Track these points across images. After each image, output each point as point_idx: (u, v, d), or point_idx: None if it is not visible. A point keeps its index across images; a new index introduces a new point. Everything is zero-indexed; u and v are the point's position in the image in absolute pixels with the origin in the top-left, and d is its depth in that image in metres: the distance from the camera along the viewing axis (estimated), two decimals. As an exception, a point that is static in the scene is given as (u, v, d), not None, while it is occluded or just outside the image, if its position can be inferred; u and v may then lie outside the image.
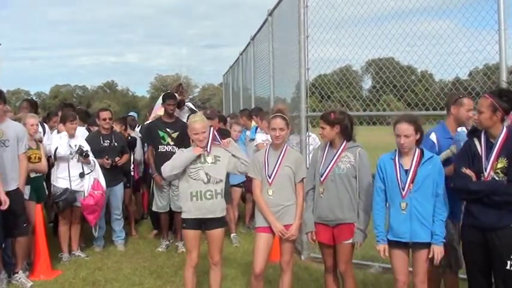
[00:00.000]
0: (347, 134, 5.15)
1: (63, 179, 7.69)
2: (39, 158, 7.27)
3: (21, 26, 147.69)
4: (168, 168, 5.43)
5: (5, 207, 5.94)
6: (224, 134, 8.47)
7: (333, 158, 5.07)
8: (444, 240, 4.60)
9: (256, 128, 9.26)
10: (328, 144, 5.18)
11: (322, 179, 5.05)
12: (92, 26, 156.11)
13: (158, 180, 8.04)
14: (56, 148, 7.61)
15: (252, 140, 9.18)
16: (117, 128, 9.37)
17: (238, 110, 15.23)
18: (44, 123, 8.68)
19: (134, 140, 9.76)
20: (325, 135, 5.11)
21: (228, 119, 10.21)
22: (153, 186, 8.41)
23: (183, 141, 7.80)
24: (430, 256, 4.58)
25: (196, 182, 5.35)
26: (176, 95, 9.09)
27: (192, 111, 9.23)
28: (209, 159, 5.45)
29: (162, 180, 7.94)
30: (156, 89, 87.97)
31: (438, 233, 4.58)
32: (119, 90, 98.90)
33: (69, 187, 7.65)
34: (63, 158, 7.63)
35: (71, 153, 7.65)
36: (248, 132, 9.74)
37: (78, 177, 7.74)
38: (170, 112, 8.30)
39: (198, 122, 5.43)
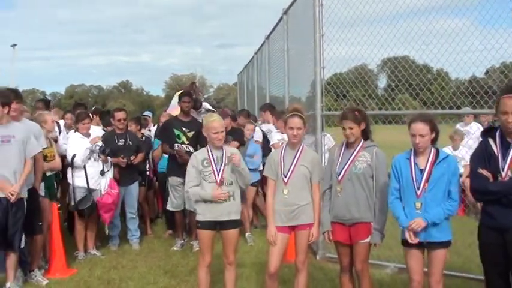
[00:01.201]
0: (364, 133, 5.14)
1: (81, 177, 7.75)
2: (53, 156, 7.29)
3: (30, 26, 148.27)
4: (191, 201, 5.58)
5: (12, 199, 5.94)
6: (237, 133, 8.68)
7: (349, 158, 5.05)
8: (428, 221, 4.55)
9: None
10: (344, 143, 5.17)
11: (339, 178, 5.04)
12: (101, 26, 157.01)
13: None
14: (74, 155, 7.70)
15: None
16: (132, 127, 9.41)
17: (252, 109, 15.24)
18: (59, 123, 8.74)
19: (149, 139, 9.80)
20: (353, 135, 5.06)
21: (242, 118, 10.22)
22: (168, 185, 8.43)
23: (199, 141, 7.94)
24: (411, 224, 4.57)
25: (210, 184, 5.37)
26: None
27: (209, 111, 9.23)
28: (223, 160, 5.45)
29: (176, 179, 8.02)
30: (171, 88, 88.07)
31: (432, 213, 4.54)
32: (134, 90, 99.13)
33: (86, 186, 7.72)
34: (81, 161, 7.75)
35: (93, 152, 7.76)
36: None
37: (97, 176, 7.81)
38: (186, 110, 8.31)
39: (216, 121, 5.45)
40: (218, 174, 5.36)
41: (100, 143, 7.90)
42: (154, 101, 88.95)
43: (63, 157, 7.86)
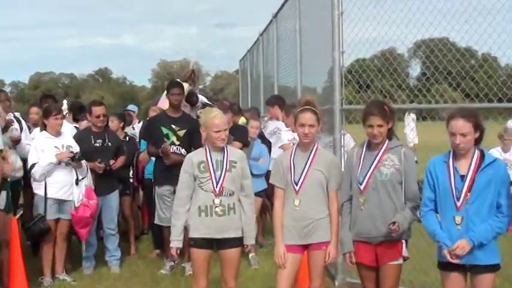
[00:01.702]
0: (390, 132, 5.15)
1: (50, 185, 7.69)
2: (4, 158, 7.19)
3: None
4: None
5: None
6: (239, 131, 8.67)
7: (373, 162, 5.06)
8: (474, 242, 4.49)
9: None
10: (365, 144, 5.19)
11: (361, 188, 5.05)
12: (76, 1, 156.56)
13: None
14: (33, 165, 7.65)
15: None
16: (113, 125, 9.39)
17: (257, 102, 15.24)
18: (21, 119, 8.68)
19: (133, 139, 9.84)
20: (381, 134, 5.07)
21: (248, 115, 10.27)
22: (155, 195, 8.42)
23: (192, 141, 8.00)
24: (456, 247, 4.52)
25: (206, 193, 5.42)
26: (186, 84, 9.11)
27: (205, 106, 9.28)
28: (224, 164, 5.50)
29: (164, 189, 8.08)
30: (159, 78, 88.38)
31: (478, 232, 4.49)
32: (114, 79, 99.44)
33: (55, 196, 7.69)
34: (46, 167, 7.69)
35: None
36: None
37: (69, 185, 7.76)
38: (175, 104, 8.34)
39: (218, 117, 5.51)
40: (217, 183, 5.40)
41: (74, 148, 7.88)
42: (139, 93, 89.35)
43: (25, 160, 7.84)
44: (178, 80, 9.35)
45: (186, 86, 9.04)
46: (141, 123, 11.50)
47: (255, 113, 10.57)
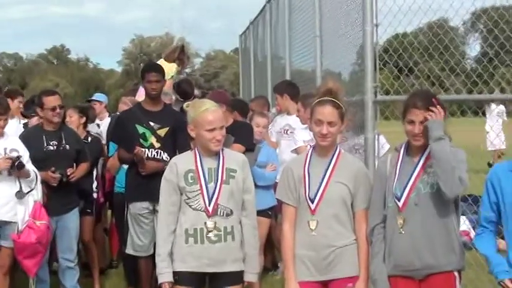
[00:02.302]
0: None
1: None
2: None
3: None
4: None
5: None
6: (242, 130, 8.53)
7: (414, 170, 5.08)
8: None
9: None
10: (403, 148, 5.23)
11: (400, 205, 5.05)
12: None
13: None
14: None
15: None
16: (73, 121, 9.40)
17: (264, 90, 15.15)
18: None
19: (98, 140, 9.81)
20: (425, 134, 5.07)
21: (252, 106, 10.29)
22: (127, 216, 8.33)
23: (177, 143, 8.04)
24: None
25: (195, 213, 5.45)
26: (173, 66, 9.20)
27: (193, 98, 9.37)
28: (219, 174, 5.52)
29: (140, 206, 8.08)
30: (132, 59, 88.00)
31: None
32: (73, 61, 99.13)
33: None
34: None
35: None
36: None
37: (12, 201, 7.68)
38: (154, 94, 8.28)
39: (211, 111, 5.51)
40: (210, 198, 5.43)
41: (21, 153, 7.80)
42: (107, 79, 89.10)
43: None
44: (162, 60, 9.34)
45: (173, 69, 9.15)
46: (109, 119, 11.42)
47: (261, 105, 10.57)
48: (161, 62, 10.56)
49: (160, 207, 5.61)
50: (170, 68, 10.45)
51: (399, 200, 5.03)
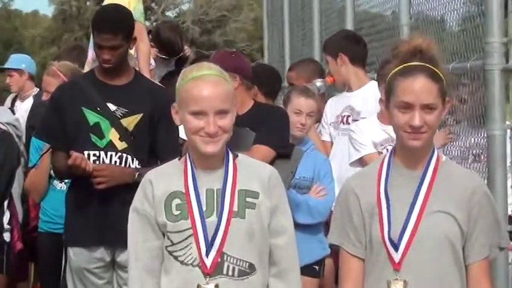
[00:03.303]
0: None
1: None
2: None
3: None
4: None
5: None
6: (271, 123, 7.02)
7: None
8: None
9: None
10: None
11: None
12: None
13: None
14: None
15: None
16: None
17: (309, 51, 13.00)
18: None
19: (9, 137, 7.94)
20: None
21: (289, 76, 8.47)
22: (67, 266, 6.84)
23: (156, 140, 6.57)
24: None
25: (185, 269, 4.41)
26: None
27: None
28: (226, 199, 4.36)
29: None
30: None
31: None
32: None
33: None
34: None
35: None
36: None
37: None
38: (108, 68, 6.68)
39: (202, 80, 4.37)
40: (210, 245, 4.34)
41: None
42: (31, 33, 74.27)
43: None
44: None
45: (135, 6, 8.09)
46: (30, 100, 9.81)
47: (306, 75, 8.46)
48: None
49: (130, 260, 4.53)
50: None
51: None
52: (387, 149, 5.31)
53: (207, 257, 4.25)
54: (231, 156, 4.34)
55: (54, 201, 7.54)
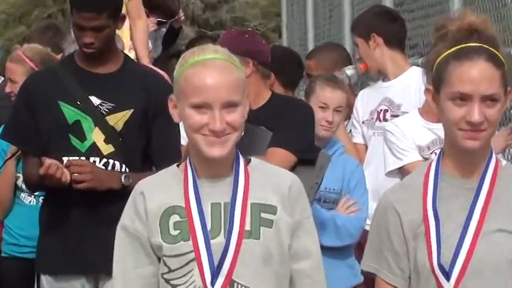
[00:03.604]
0: None
1: None
2: None
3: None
4: None
5: None
6: (291, 120, 6.46)
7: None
8: None
9: None
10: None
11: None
12: None
13: None
14: None
15: None
16: None
17: (337, 30, 12.14)
18: None
19: None
20: None
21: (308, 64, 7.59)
22: None
23: (151, 143, 5.95)
24: None
25: None
26: None
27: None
28: (236, 216, 3.93)
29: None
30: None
31: None
32: None
33: None
34: None
35: None
36: None
37: None
38: (90, 53, 6.13)
39: (205, 65, 3.92)
40: (217, 271, 3.92)
41: None
42: None
43: None
44: None
45: None
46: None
47: (333, 62, 7.72)
48: None
49: None
50: None
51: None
52: (435, 154, 4.79)
53: (213, 286, 3.83)
54: (242, 161, 3.82)
55: (21, 218, 6.90)
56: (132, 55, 7.48)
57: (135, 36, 7.94)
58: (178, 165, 3.94)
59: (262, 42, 6.58)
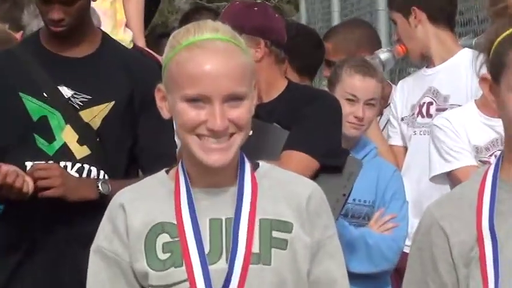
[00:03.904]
0: None
1: None
2: None
3: None
4: None
5: None
6: (312, 115, 5.93)
7: None
8: None
9: None
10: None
11: None
12: None
13: None
14: None
15: None
16: None
17: (364, 4, 11.39)
18: None
19: None
20: None
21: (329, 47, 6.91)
22: None
23: (138, 143, 5.38)
24: None
25: None
26: None
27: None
28: (241, 235, 3.45)
29: None
30: None
31: None
32: None
33: None
34: None
35: None
36: None
37: None
38: (59, 32, 5.53)
39: (202, 48, 3.39)
40: None
41: None
42: None
43: None
44: None
45: None
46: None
47: (361, 44, 7.11)
48: None
49: None
50: None
51: None
52: (496, 157, 4.11)
53: None
54: (248, 166, 3.33)
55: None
56: (128, 36, 6.84)
57: (128, 8, 7.12)
58: (167, 171, 3.42)
59: (275, 16, 5.91)
